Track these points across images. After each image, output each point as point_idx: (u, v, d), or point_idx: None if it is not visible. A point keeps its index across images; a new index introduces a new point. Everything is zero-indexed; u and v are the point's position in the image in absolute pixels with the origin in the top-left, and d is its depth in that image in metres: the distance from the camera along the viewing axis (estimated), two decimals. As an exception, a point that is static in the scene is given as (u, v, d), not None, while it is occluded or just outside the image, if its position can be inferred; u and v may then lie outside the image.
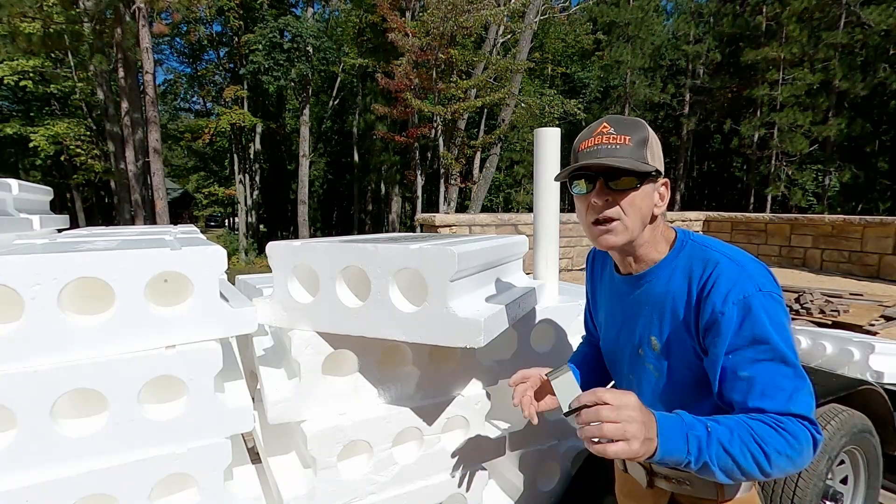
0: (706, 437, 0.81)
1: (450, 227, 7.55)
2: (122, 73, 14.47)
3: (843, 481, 1.89)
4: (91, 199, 23.30)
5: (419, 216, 8.48)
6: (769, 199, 20.03)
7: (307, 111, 20.56)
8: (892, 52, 17.23)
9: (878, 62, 17.46)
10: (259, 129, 22.40)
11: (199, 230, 2.17)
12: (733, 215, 9.95)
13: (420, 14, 15.49)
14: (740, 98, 21.46)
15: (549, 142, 1.91)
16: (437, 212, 13.75)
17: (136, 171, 14.92)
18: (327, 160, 27.93)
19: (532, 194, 2.06)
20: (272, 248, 1.41)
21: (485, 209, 20.14)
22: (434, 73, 14.64)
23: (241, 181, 22.68)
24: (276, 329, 1.67)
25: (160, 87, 22.16)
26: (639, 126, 0.96)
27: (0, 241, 1.80)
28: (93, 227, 2.61)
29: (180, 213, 32.61)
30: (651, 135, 0.96)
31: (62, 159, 17.41)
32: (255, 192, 23.43)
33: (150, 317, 1.16)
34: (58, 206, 19.07)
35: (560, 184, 1.81)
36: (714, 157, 27.90)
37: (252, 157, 23.05)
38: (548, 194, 1.95)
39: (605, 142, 0.94)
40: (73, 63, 16.59)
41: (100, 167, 17.08)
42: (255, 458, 1.58)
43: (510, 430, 1.71)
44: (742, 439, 0.81)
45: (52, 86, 16.63)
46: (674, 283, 0.97)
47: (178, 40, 22.73)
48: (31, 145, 16.01)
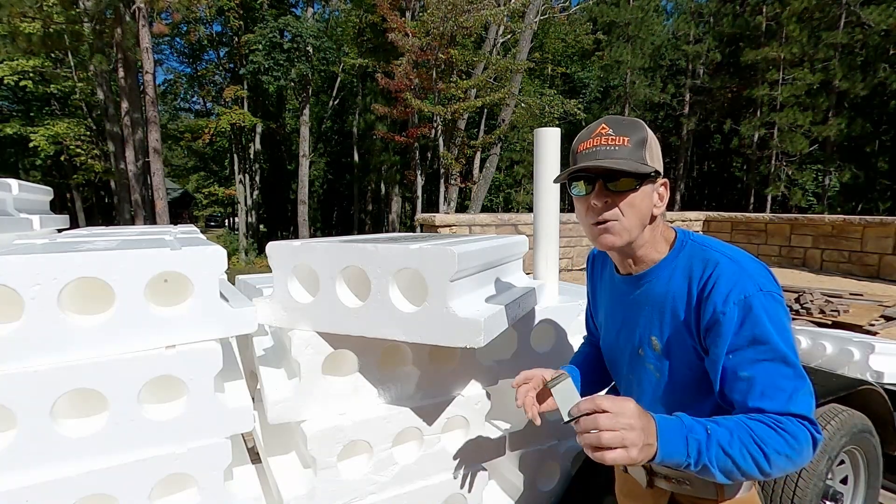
0: (706, 439, 0.81)
1: (450, 227, 7.55)
2: (122, 73, 14.47)
3: (843, 481, 1.89)
4: (91, 199, 23.30)
5: (419, 216, 8.48)
6: (769, 199, 20.03)
7: (307, 111, 20.56)
8: (892, 52, 17.23)
9: (878, 62, 17.46)
10: (259, 129, 22.40)
11: (199, 230, 2.17)
12: (733, 215, 9.96)
13: (420, 14, 15.49)
14: (740, 98, 21.47)
15: (549, 142, 1.91)
16: (437, 212, 13.76)
17: (136, 171, 14.92)
18: (327, 160, 27.94)
19: (532, 194, 2.06)
20: (272, 248, 1.41)
21: (485, 209, 20.14)
22: (434, 73, 14.64)
23: (241, 181, 22.68)
24: (276, 329, 1.67)
25: (160, 87, 22.16)
26: (637, 127, 0.96)
27: (0, 241, 1.81)
28: (93, 227, 2.61)
29: (180, 213, 32.62)
30: (650, 135, 0.96)
31: (62, 159, 17.41)
32: (255, 192, 23.43)
33: (150, 317, 1.16)
34: (58, 206, 19.07)
35: (560, 184, 1.81)
36: (714, 157, 27.90)
37: (252, 157, 23.05)
38: (548, 194, 1.95)
39: (603, 143, 0.94)
40: (73, 63, 16.59)
41: (100, 167, 17.08)
42: (255, 458, 1.58)
43: (510, 430, 1.71)
44: (742, 440, 0.81)
45: (52, 86, 16.63)
46: (674, 283, 0.97)
47: (178, 40, 22.74)
48: (31, 145, 16.01)
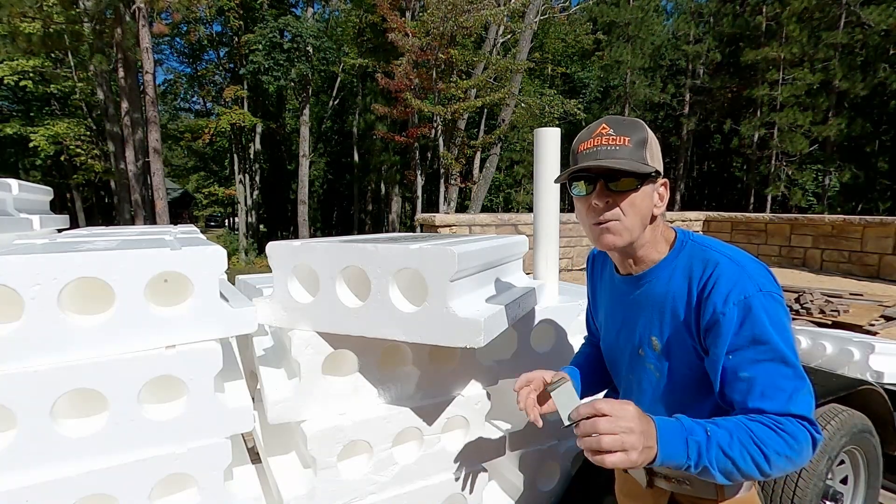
0: (706, 441, 0.81)
1: (450, 227, 7.55)
2: (122, 73, 14.47)
3: (843, 481, 1.89)
4: (91, 199, 23.30)
5: (419, 216, 8.48)
6: (769, 199, 20.03)
7: (307, 111, 20.56)
8: (892, 52, 17.23)
9: (878, 62, 17.47)
10: (259, 129, 22.40)
11: (199, 230, 2.17)
12: (733, 215, 9.95)
13: (420, 14, 15.48)
14: (740, 98, 21.47)
15: (549, 142, 1.91)
16: (437, 212, 13.75)
17: (136, 171, 14.92)
18: (327, 160, 27.93)
19: (532, 194, 2.06)
20: (272, 248, 1.41)
21: (485, 209, 20.14)
22: (434, 73, 14.64)
23: (241, 181, 22.68)
24: (276, 329, 1.67)
25: (160, 87, 22.16)
26: (638, 127, 0.96)
27: (0, 241, 1.80)
28: (93, 227, 2.61)
29: (180, 213, 32.62)
30: (650, 135, 0.96)
31: (62, 159, 17.41)
32: (255, 192, 23.43)
33: (150, 317, 1.16)
34: (58, 206, 19.07)
35: (560, 184, 1.81)
36: (714, 157, 27.90)
37: (252, 157, 23.04)
38: (548, 194, 1.95)
39: (604, 143, 0.94)
40: (73, 63, 16.59)
41: (100, 167, 17.08)
42: (255, 458, 1.58)
43: (510, 430, 1.71)
44: (742, 442, 0.81)
45: (52, 86, 16.63)
46: (674, 283, 0.97)
47: (178, 40, 22.74)
48: (31, 145, 16.01)
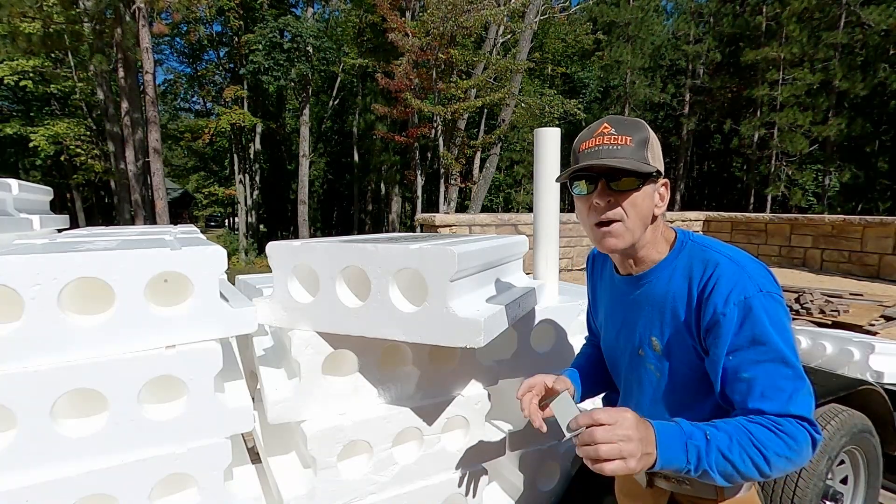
0: (705, 444, 0.81)
1: (450, 227, 7.55)
2: (122, 73, 14.46)
3: (843, 481, 1.89)
4: (91, 199, 23.30)
5: (419, 216, 8.48)
6: (769, 199, 20.03)
7: (307, 111, 20.56)
8: (892, 52, 17.23)
9: (878, 62, 17.46)
10: (259, 129, 22.40)
11: (199, 230, 2.17)
12: (733, 215, 9.95)
13: (420, 14, 15.48)
14: (740, 98, 21.47)
15: (549, 142, 1.91)
16: (437, 212, 13.75)
17: (136, 171, 14.91)
18: (327, 160, 27.93)
19: (532, 194, 2.06)
20: (272, 248, 1.41)
21: (485, 209, 20.14)
22: (434, 73, 14.63)
23: (241, 181, 22.67)
24: (276, 329, 1.67)
25: (160, 87, 22.15)
26: (639, 126, 0.96)
27: (0, 241, 1.80)
28: (93, 227, 2.61)
29: (180, 213, 32.62)
30: (651, 135, 0.96)
31: (62, 159, 17.40)
32: (255, 192, 23.43)
33: (150, 317, 1.16)
34: (58, 206, 19.07)
35: (560, 184, 1.81)
36: (714, 157, 27.89)
37: (252, 157, 23.04)
38: (548, 194, 1.95)
39: (606, 142, 0.94)
40: (73, 63, 16.57)
41: (100, 167, 17.07)
42: (255, 458, 1.58)
43: (510, 431, 1.71)
44: (741, 444, 0.81)
45: (52, 86, 16.62)
46: (674, 283, 0.97)
47: (178, 40, 22.73)
48: (31, 145, 16.00)
